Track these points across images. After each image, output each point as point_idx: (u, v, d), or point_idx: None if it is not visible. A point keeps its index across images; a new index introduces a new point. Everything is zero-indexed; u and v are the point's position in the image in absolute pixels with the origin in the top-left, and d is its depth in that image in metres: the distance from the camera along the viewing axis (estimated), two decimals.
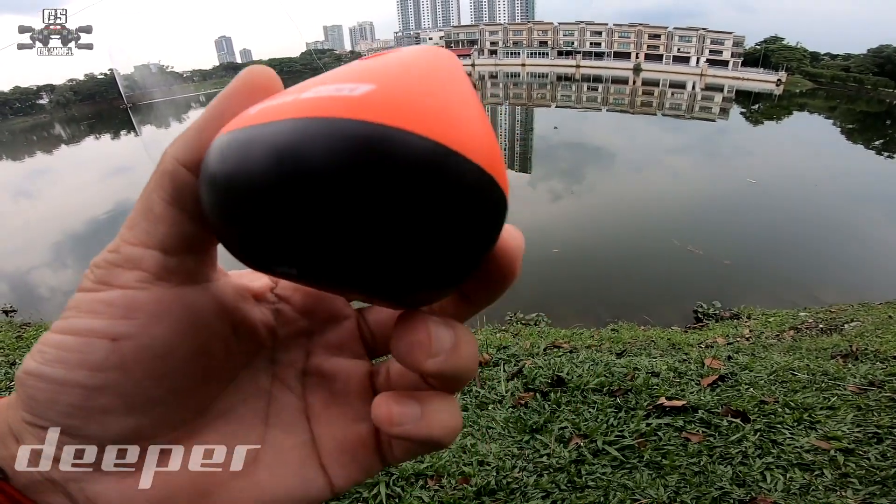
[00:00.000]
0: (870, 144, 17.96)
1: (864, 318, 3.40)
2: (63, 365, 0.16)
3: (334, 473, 0.20)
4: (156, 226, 0.17)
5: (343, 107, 0.12)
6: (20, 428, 0.18)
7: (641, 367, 2.06)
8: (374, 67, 0.14)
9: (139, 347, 0.17)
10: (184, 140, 0.16)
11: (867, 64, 48.46)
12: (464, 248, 0.13)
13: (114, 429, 0.17)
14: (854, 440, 1.45)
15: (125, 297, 0.16)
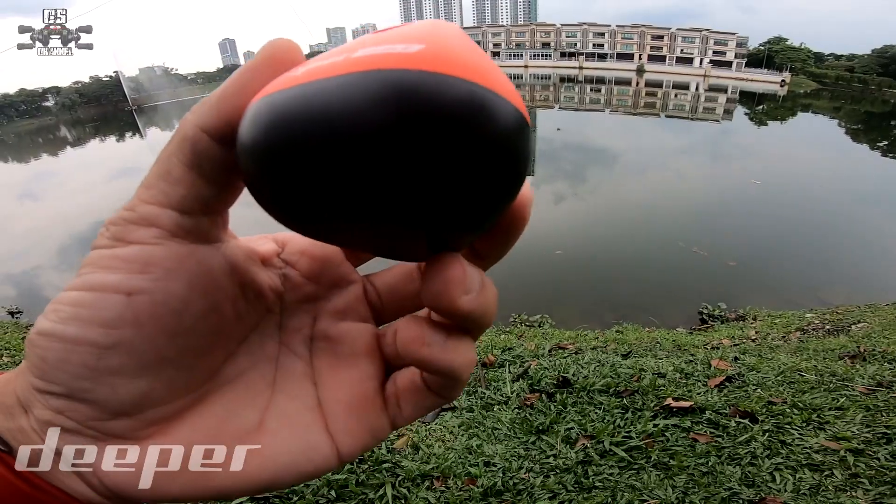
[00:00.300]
0: (875, 145, 17.87)
1: (871, 319, 3.38)
2: (77, 322, 0.16)
3: (341, 439, 0.20)
4: (174, 187, 0.17)
5: (406, 61, 0.12)
6: (28, 396, 0.18)
7: (647, 368, 2.05)
8: (407, 33, 0.14)
9: (154, 302, 0.17)
10: (206, 107, 0.17)
11: (871, 64, 48.29)
12: (507, 182, 0.14)
13: (122, 392, 0.17)
14: (864, 440, 1.44)
15: (141, 252, 0.17)
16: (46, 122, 50.11)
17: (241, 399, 0.20)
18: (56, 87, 57.43)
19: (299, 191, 0.14)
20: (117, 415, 0.18)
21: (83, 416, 0.17)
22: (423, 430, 1.71)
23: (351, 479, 1.38)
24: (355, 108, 0.12)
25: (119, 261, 0.17)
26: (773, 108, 32.04)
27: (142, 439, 0.18)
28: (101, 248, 0.17)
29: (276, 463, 0.19)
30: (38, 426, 0.18)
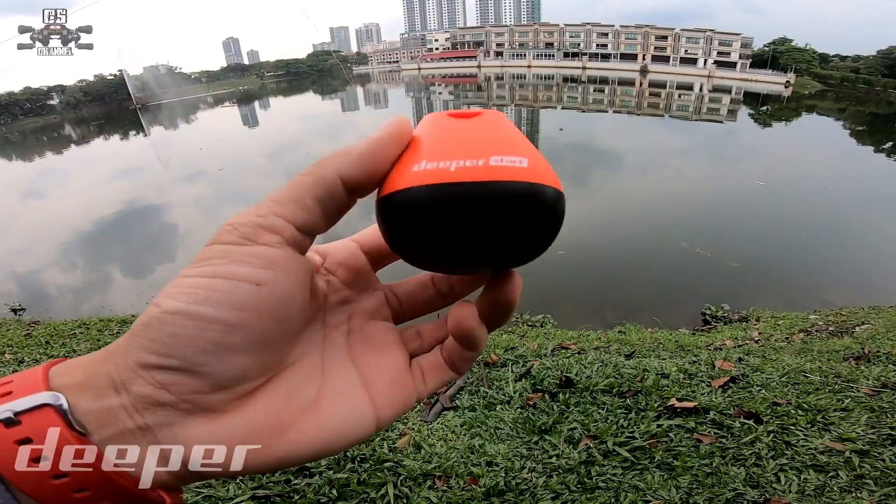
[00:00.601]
0: (879, 147, 17.76)
1: (875, 320, 3.36)
2: (212, 303, 0.20)
3: (381, 408, 0.25)
4: (301, 211, 0.22)
5: (525, 174, 0.21)
6: (128, 374, 0.20)
7: (651, 369, 2.05)
8: (503, 140, 0.22)
9: (272, 293, 0.21)
10: (347, 160, 0.22)
11: (877, 65, 47.93)
12: (551, 232, 0.22)
13: (232, 367, 0.21)
14: (869, 442, 1.43)
15: (267, 252, 0.21)
16: (51, 121, 50.38)
17: (300, 378, 0.24)
18: (61, 86, 57.70)
19: (435, 250, 0.22)
20: (219, 388, 0.21)
21: (187, 389, 0.20)
22: (425, 429, 1.71)
23: (353, 478, 1.38)
24: (496, 202, 0.20)
25: (251, 257, 0.21)
26: (777, 109, 31.88)
27: (224, 413, 0.21)
28: (228, 244, 0.21)
29: (331, 429, 0.24)
30: (132, 402, 0.20)
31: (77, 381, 0.21)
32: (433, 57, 78.01)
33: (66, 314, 5.07)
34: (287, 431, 0.22)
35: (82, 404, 0.20)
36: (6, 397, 0.20)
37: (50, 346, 3.07)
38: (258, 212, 0.22)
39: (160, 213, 10.29)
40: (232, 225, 0.22)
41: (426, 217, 0.20)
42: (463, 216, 0.20)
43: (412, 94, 42.47)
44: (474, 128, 0.23)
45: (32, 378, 0.21)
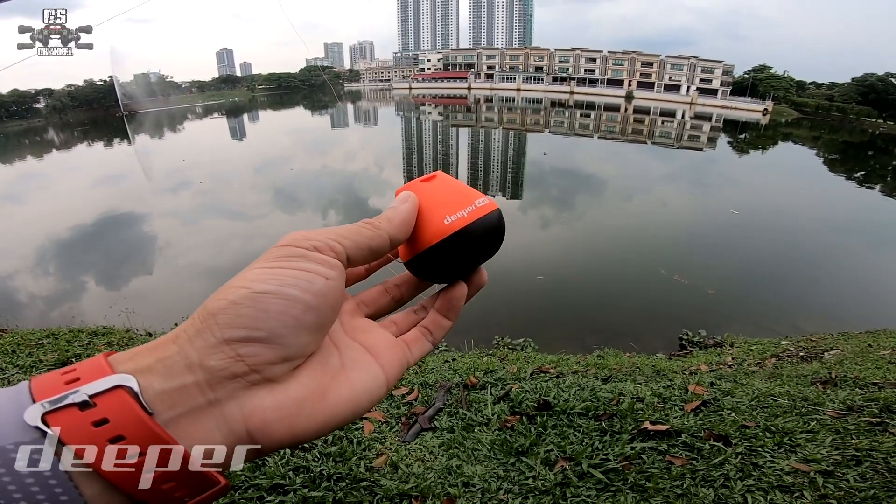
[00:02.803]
0: (851, 175, 18.46)
1: (844, 346, 3.47)
2: (298, 288, 0.26)
3: (387, 368, 0.32)
4: (356, 249, 0.30)
5: (493, 206, 0.35)
6: (206, 351, 0.24)
7: (627, 393, 2.08)
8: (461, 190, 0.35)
9: (335, 287, 0.28)
10: (397, 228, 0.32)
11: (851, 92, 49.62)
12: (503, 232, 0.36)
13: (301, 341, 0.27)
14: (833, 462, 1.47)
15: (332, 260, 0.28)
16: (35, 124, 49.44)
17: (326, 353, 0.30)
18: (48, 90, 56.84)
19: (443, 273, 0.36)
20: (286, 359, 0.26)
21: (262, 359, 0.25)
22: (402, 449, 1.71)
23: (328, 496, 1.37)
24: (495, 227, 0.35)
25: (323, 260, 0.28)
26: (755, 136, 33.01)
27: (281, 382, 0.26)
28: (304, 249, 0.28)
29: (359, 388, 0.30)
30: (206, 378, 0.23)
31: (144, 364, 0.23)
32: (424, 77, 79.15)
33: (34, 322, 4.93)
34: (328, 394, 0.28)
35: (154, 385, 0.23)
36: (76, 382, 0.22)
37: (16, 355, 2.98)
38: (328, 234, 0.29)
39: (137, 223, 10.13)
40: (306, 237, 0.28)
41: (463, 248, 0.33)
42: (478, 242, 0.34)
43: (402, 114, 42.88)
44: (442, 188, 0.35)
45: (96, 365, 0.23)
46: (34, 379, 0.22)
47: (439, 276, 0.36)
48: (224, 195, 12.40)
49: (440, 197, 0.34)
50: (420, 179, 0.36)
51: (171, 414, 0.22)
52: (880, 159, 24.27)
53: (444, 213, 0.33)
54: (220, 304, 0.25)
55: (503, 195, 12.94)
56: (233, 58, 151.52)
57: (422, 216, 0.34)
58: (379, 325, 0.36)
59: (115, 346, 3.25)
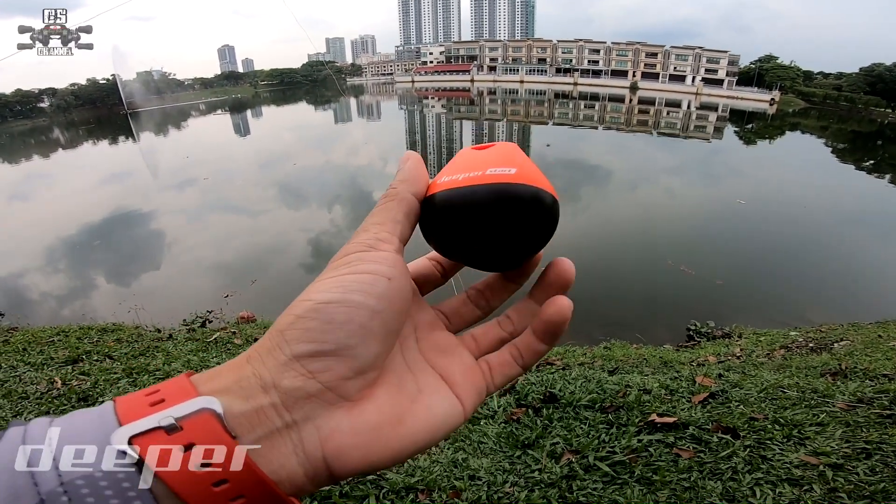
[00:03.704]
0: (860, 165, 18.23)
1: (854, 337, 3.43)
2: (360, 293, 0.25)
3: (463, 398, 0.29)
4: (397, 226, 0.28)
5: (512, 178, 0.28)
6: (278, 371, 0.23)
7: (633, 385, 2.07)
8: (502, 158, 0.29)
9: (399, 286, 0.26)
10: (411, 183, 0.30)
11: (859, 83, 49.05)
12: (548, 230, 0.29)
13: (370, 351, 0.25)
14: (843, 456, 1.46)
15: (390, 256, 0.27)
16: (40, 124, 49.75)
17: (400, 375, 0.28)
18: (52, 89, 57.12)
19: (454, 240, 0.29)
20: (359, 372, 0.25)
21: (334, 375, 0.24)
22: None
23: (335, 490, 1.38)
24: (488, 197, 0.27)
25: (381, 259, 0.26)
26: (762, 126, 32.60)
27: (358, 402, 0.25)
28: (360, 252, 0.26)
29: (437, 417, 0.28)
30: (281, 399, 0.23)
31: (223, 385, 0.23)
32: (427, 70, 78.77)
33: (45, 320, 4.98)
34: (405, 420, 0.26)
35: (234, 408, 0.22)
36: (161, 405, 0.21)
37: (27, 353, 3.02)
38: (371, 230, 0.28)
39: (144, 220, 10.19)
40: (358, 240, 0.27)
41: (443, 212, 0.29)
42: (464, 211, 0.28)
43: (405, 107, 42.75)
44: (487, 153, 0.30)
45: (180, 386, 0.23)
46: (118, 400, 0.22)
47: (435, 241, 0.31)
48: (228, 191, 12.42)
49: (469, 160, 0.30)
50: (477, 147, 0.32)
51: (250, 437, 0.22)
52: (889, 148, 23.87)
53: (447, 174, 0.30)
54: (288, 320, 0.24)
55: None
56: (234, 54, 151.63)
57: (440, 176, 0.30)
58: (461, 345, 0.32)
59: (125, 343, 3.28)
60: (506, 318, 0.34)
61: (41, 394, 2.28)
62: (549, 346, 0.31)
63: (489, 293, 0.34)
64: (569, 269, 0.32)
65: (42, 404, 2.17)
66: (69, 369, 2.66)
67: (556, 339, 0.31)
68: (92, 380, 2.45)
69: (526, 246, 0.29)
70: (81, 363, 2.80)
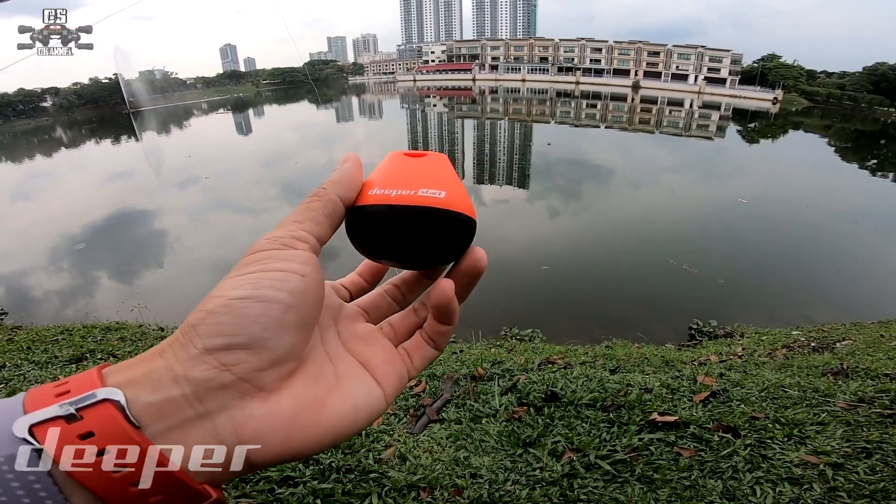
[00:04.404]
0: (863, 164, 18.15)
1: (856, 336, 3.43)
2: (273, 289, 0.25)
3: (384, 383, 0.31)
4: (317, 226, 0.29)
5: (441, 203, 0.30)
6: (189, 364, 0.23)
7: (635, 384, 2.08)
8: (434, 176, 0.31)
9: (312, 283, 0.27)
10: (338, 186, 0.30)
11: (862, 82, 48.75)
12: (462, 242, 0.32)
13: (286, 342, 0.26)
14: (843, 455, 1.46)
15: (304, 254, 0.27)
16: (43, 123, 49.87)
17: (319, 364, 0.30)
18: (55, 88, 57.24)
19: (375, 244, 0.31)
20: (274, 364, 0.25)
21: (248, 367, 0.24)
22: (410, 441, 1.72)
23: (337, 488, 1.39)
24: (418, 218, 0.30)
25: (293, 257, 0.27)
26: (765, 126, 32.48)
27: (274, 392, 0.25)
28: (271, 250, 0.27)
29: (356, 403, 0.29)
30: (193, 390, 0.23)
31: (134, 377, 0.23)
32: (429, 69, 78.69)
33: (49, 319, 5.01)
34: (324, 408, 0.27)
35: (142, 398, 0.22)
36: (64, 395, 0.22)
37: (31, 351, 3.04)
38: (288, 228, 0.28)
39: (147, 219, 10.22)
40: (270, 238, 0.28)
41: (374, 223, 0.30)
42: (395, 226, 0.30)
43: (406, 106, 42.72)
44: (418, 166, 0.32)
45: (87, 378, 0.23)
46: (30, 391, 0.23)
47: (362, 246, 0.32)
48: (230, 190, 12.45)
49: (402, 172, 0.31)
50: (408, 152, 0.33)
51: (159, 427, 0.22)
52: (893, 147, 23.77)
53: (378, 185, 0.31)
54: (199, 316, 0.24)
55: (510, 185, 12.88)
56: (236, 53, 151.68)
57: (368, 181, 0.32)
58: (379, 333, 0.34)
59: (128, 342, 3.30)
60: (420, 305, 0.36)
61: None
62: (450, 326, 0.33)
63: (405, 288, 0.37)
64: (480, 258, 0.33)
65: None
66: (73, 368, 2.68)
67: (450, 317, 0.33)
68: None
69: (446, 257, 0.32)
70: (85, 362, 2.82)
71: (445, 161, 0.33)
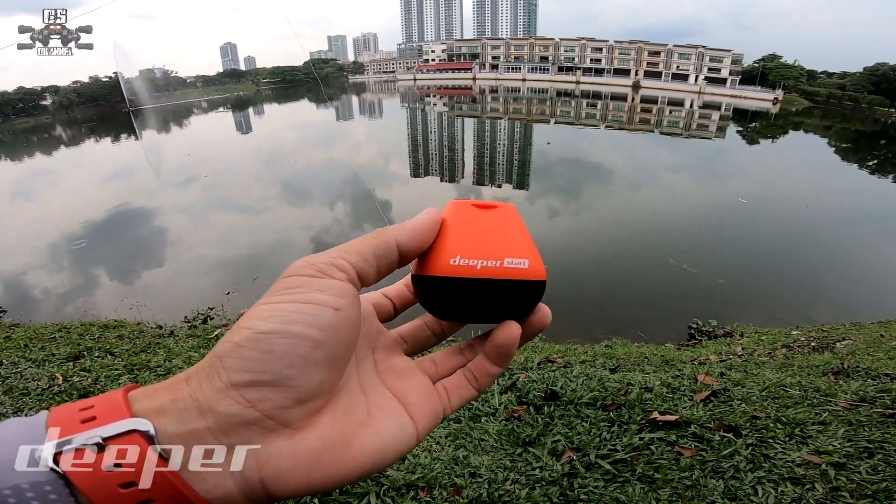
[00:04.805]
0: (863, 164, 18.15)
1: (856, 336, 3.42)
2: (302, 324, 0.24)
3: (418, 420, 0.29)
4: (362, 262, 0.27)
5: (526, 274, 0.30)
6: (214, 396, 0.23)
7: (635, 383, 2.07)
8: (514, 242, 0.31)
9: (346, 317, 0.25)
10: (403, 234, 0.29)
11: (863, 82, 48.73)
12: (535, 305, 0.32)
13: (313, 380, 0.24)
14: (845, 454, 1.46)
15: (341, 284, 0.26)
16: (43, 121, 49.82)
17: (351, 399, 0.28)
18: (55, 87, 57.16)
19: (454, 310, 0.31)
20: (300, 402, 0.24)
21: (273, 404, 0.23)
22: None
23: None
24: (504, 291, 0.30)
25: (328, 287, 0.25)
26: (765, 125, 32.47)
27: (300, 429, 0.25)
28: (307, 276, 0.26)
29: (386, 441, 0.27)
30: (217, 424, 0.22)
31: (159, 405, 0.23)
32: (429, 68, 78.63)
33: (47, 317, 5.00)
34: (351, 445, 0.26)
35: (168, 429, 0.22)
36: (91, 423, 0.22)
37: (29, 349, 3.03)
38: (331, 254, 0.27)
39: (146, 218, 10.20)
40: (309, 262, 0.26)
41: (459, 295, 0.30)
42: (480, 297, 0.30)
43: (407, 105, 42.69)
44: (494, 226, 0.31)
45: (114, 403, 0.23)
46: (53, 411, 0.23)
47: (437, 311, 0.32)
48: (231, 189, 12.43)
49: (480, 234, 0.30)
50: (475, 202, 0.32)
51: (184, 458, 0.22)
52: (893, 148, 23.77)
53: (459, 252, 0.30)
54: (226, 347, 0.24)
55: (509, 185, 12.87)
56: (236, 52, 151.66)
57: (442, 241, 0.30)
58: (418, 367, 0.33)
59: (126, 339, 3.29)
60: (468, 347, 0.34)
61: (42, 390, 2.28)
62: (500, 368, 0.32)
63: (447, 325, 0.36)
64: (546, 315, 0.33)
65: (43, 400, 2.17)
66: (70, 366, 2.67)
67: (506, 360, 0.32)
68: (93, 376, 2.45)
69: (519, 316, 0.32)
70: (83, 359, 2.81)
71: (516, 215, 0.32)
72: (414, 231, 0.29)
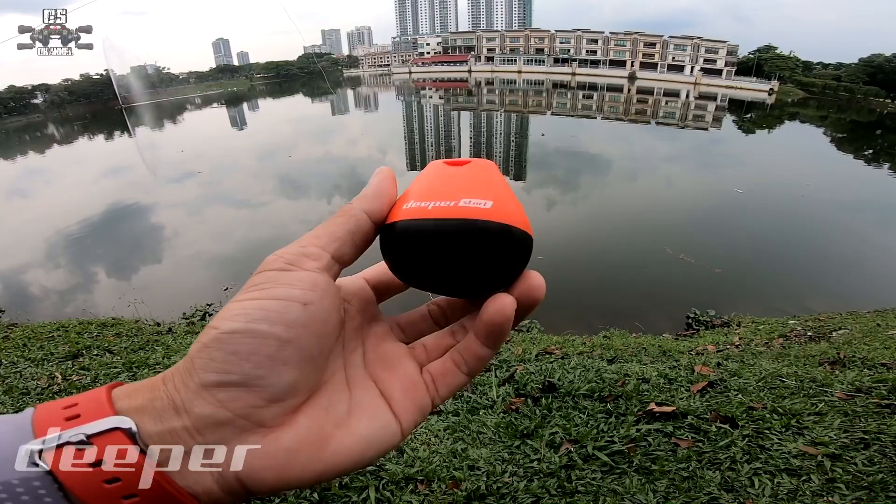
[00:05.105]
0: (859, 154, 18.18)
1: (853, 326, 3.44)
2: (267, 322, 0.23)
3: (402, 416, 0.28)
4: (335, 243, 0.27)
5: (487, 214, 0.26)
6: (188, 396, 0.22)
7: (632, 374, 2.07)
8: (478, 185, 0.27)
9: (317, 311, 0.25)
10: (366, 200, 0.28)
11: (858, 73, 48.75)
12: (518, 262, 0.27)
13: (284, 379, 0.23)
14: (841, 445, 1.47)
15: (311, 276, 0.25)
16: (35, 120, 49.34)
17: (332, 396, 0.27)
18: (45, 85, 56.56)
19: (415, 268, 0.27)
20: (273, 401, 0.23)
21: (245, 403, 0.23)
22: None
23: (334, 481, 1.38)
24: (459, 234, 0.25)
25: (297, 280, 0.24)
26: (761, 116, 32.45)
27: (275, 428, 0.24)
28: (276, 270, 0.25)
29: (365, 440, 0.26)
30: (193, 423, 0.22)
31: (139, 404, 0.23)
32: (424, 61, 78.17)
33: (45, 316, 4.97)
34: (328, 444, 0.25)
35: (147, 427, 0.22)
36: (75, 420, 0.22)
37: (27, 349, 3.01)
38: (300, 244, 0.26)
39: (142, 214, 10.15)
40: (278, 255, 0.25)
41: (407, 242, 0.27)
42: (432, 244, 0.26)
43: (402, 99, 42.47)
44: (460, 175, 0.28)
45: (97, 401, 0.23)
46: (38, 409, 0.23)
47: (399, 271, 0.29)
48: (226, 184, 12.37)
49: (442, 182, 0.27)
50: (449, 160, 0.29)
51: (161, 455, 0.22)
52: (888, 138, 23.78)
53: (414, 198, 0.27)
54: (196, 348, 0.23)
55: (507, 176, 12.83)
56: (229, 47, 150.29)
57: (403, 196, 0.28)
58: (407, 355, 0.31)
59: (124, 337, 3.28)
60: (460, 328, 0.31)
61: (42, 389, 2.28)
62: (492, 350, 0.29)
63: (450, 312, 0.33)
64: (539, 286, 0.28)
65: (43, 399, 2.17)
66: (69, 364, 2.66)
67: (498, 341, 0.28)
68: (92, 374, 2.45)
69: (495, 281, 0.27)
70: (81, 358, 2.80)
71: (492, 167, 0.29)
72: (374, 192, 0.28)
